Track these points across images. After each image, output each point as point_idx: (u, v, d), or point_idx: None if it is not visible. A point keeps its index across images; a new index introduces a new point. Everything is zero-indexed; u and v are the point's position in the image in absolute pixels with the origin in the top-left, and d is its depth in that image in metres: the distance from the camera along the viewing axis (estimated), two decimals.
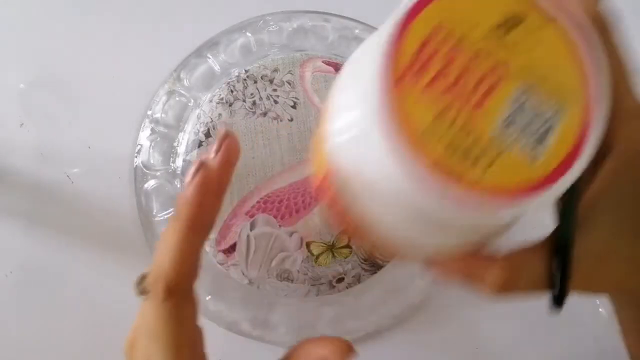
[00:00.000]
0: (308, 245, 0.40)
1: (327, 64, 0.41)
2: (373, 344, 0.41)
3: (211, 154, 0.24)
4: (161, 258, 0.23)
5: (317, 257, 0.40)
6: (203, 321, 0.40)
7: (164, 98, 0.41)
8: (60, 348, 0.33)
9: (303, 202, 0.40)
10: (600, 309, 0.43)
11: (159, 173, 0.40)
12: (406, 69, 0.17)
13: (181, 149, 0.40)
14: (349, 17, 0.43)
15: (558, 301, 0.22)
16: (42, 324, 0.35)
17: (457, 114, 0.17)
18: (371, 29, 0.43)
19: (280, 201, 0.40)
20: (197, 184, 0.23)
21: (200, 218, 0.24)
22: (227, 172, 0.24)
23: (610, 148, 0.21)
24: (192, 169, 0.24)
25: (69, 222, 0.40)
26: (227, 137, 0.24)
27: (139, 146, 0.41)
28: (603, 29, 0.20)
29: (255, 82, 0.41)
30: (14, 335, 0.40)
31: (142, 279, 0.24)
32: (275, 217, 0.40)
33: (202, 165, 0.24)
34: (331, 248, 0.40)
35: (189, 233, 0.23)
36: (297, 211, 0.40)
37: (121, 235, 0.37)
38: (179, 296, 0.23)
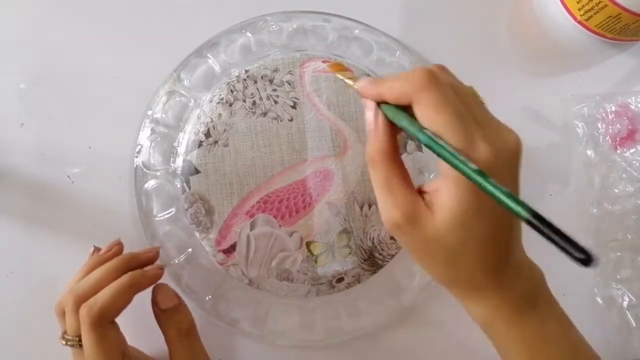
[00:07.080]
0: (308, 245, 0.40)
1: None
2: (372, 344, 0.41)
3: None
4: (103, 296, 0.31)
5: (317, 257, 0.40)
6: (203, 321, 0.40)
7: (164, 98, 0.41)
8: (61, 347, 0.33)
9: (303, 202, 0.40)
10: (597, 298, 0.43)
11: (159, 173, 0.40)
12: None
13: (181, 149, 0.40)
14: (349, 17, 0.43)
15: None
16: (42, 324, 0.35)
17: None
18: (371, 29, 0.43)
19: (280, 201, 0.40)
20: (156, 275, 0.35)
21: (145, 285, 0.34)
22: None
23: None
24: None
25: (69, 222, 0.40)
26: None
27: (139, 146, 0.41)
28: None
29: (255, 82, 0.41)
30: (14, 335, 0.40)
31: (63, 334, 0.33)
32: (275, 217, 0.40)
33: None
34: (331, 248, 0.40)
35: (130, 291, 0.32)
36: (297, 211, 0.40)
37: (121, 235, 0.37)
38: (104, 324, 0.31)
